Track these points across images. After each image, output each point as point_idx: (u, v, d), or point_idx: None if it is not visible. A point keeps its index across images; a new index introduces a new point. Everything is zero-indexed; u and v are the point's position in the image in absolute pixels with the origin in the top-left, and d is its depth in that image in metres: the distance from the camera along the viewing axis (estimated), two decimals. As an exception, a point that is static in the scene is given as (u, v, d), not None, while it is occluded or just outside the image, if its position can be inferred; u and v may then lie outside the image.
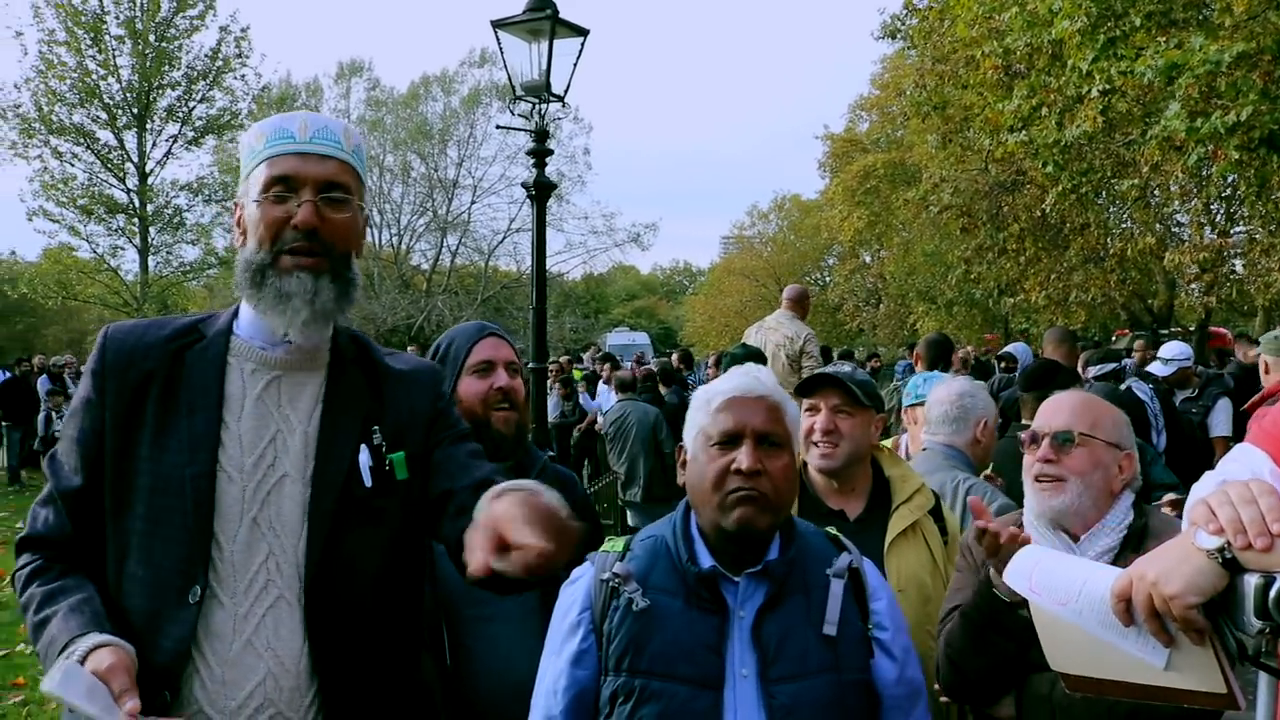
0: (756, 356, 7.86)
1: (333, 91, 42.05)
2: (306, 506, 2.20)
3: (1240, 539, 1.65)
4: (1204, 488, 1.85)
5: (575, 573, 2.54)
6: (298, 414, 2.26)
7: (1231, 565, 1.65)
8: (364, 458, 2.27)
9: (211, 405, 2.20)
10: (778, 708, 2.30)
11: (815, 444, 3.47)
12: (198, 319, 2.37)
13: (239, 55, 31.67)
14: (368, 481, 2.26)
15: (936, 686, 3.07)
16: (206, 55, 31.27)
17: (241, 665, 2.12)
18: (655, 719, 2.31)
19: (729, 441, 2.43)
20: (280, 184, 2.23)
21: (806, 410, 3.51)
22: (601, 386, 17.32)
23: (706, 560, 2.43)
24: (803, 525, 2.59)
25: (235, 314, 2.34)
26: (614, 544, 2.55)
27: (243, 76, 32.08)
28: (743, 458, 2.39)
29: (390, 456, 2.30)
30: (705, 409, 2.50)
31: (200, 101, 31.62)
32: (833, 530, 2.69)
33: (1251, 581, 1.62)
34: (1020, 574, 2.10)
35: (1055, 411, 2.91)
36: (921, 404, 4.83)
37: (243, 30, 31.64)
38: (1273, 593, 1.59)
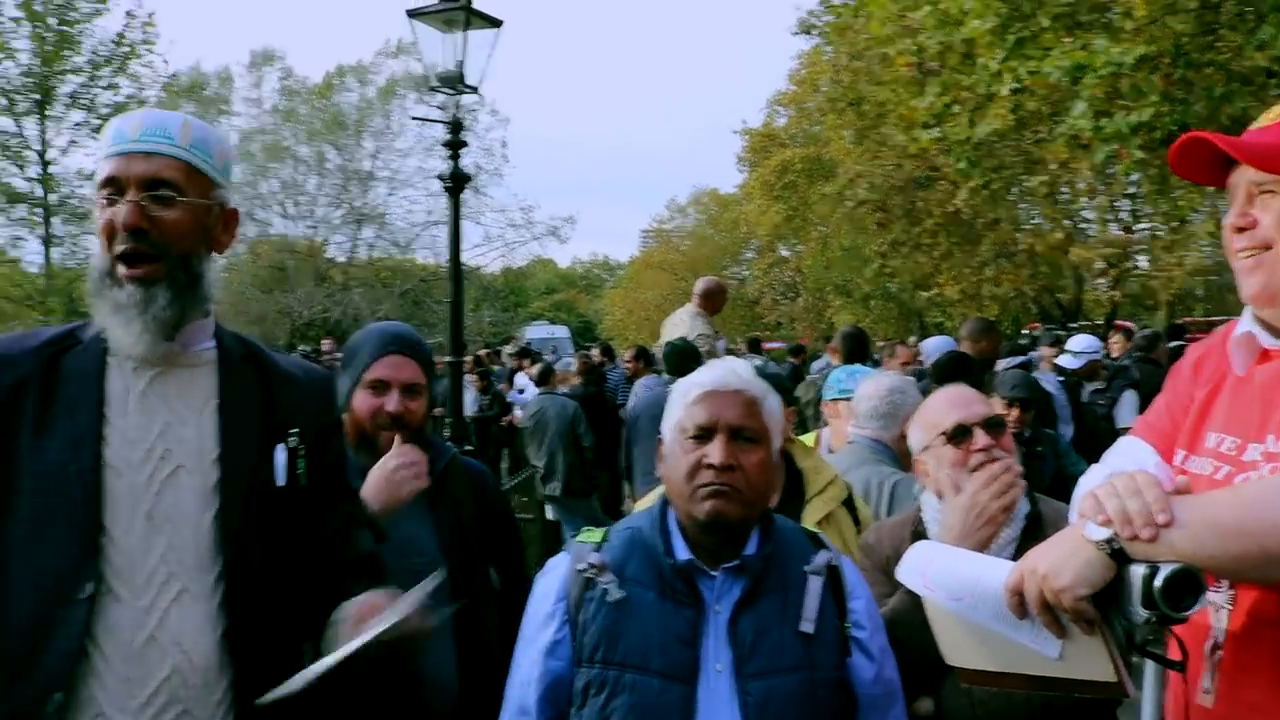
0: (694, 350, 7.91)
1: (245, 80, 41.13)
2: (207, 497, 2.17)
3: (1127, 530, 1.70)
4: (1092, 480, 1.89)
5: (551, 563, 2.54)
6: (189, 407, 2.23)
7: (1119, 556, 1.70)
8: (280, 457, 2.26)
9: (92, 404, 2.16)
10: (751, 704, 2.29)
11: None
12: (72, 326, 2.33)
13: (145, 41, 30.78)
14: (281, 480, 2.25)
15: None
16: (111, 40, 30.39)
17: (145, 661, 2.07)
18: (627, 711, 2.30)
19: (703, 435, 2.41)
20: (109, 186, 2.20)
21: None
22: (521, 379, 17.24)
23: (683, 553, 2.41)
24: (782, 522, 2.58)
25: None
26: (591, 534, 2.54)
27: (150, 64, 31.20)
28: (714, 452, 2.37)
29: (298, 462, 2.30)
30: (682, 401, 2.48)
31: (105, 89, 30.70)
32: (814, 529, 2.69)
33: (1138, 572, 1.67)
34: (914, 570, 2.13)
35: (965, 403, 2.93)
36: (844, 399, 4.87)
37: (149, 15, 30.82)
38: (1157, 582, 1.64)
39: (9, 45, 29.16)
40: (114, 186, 2.19)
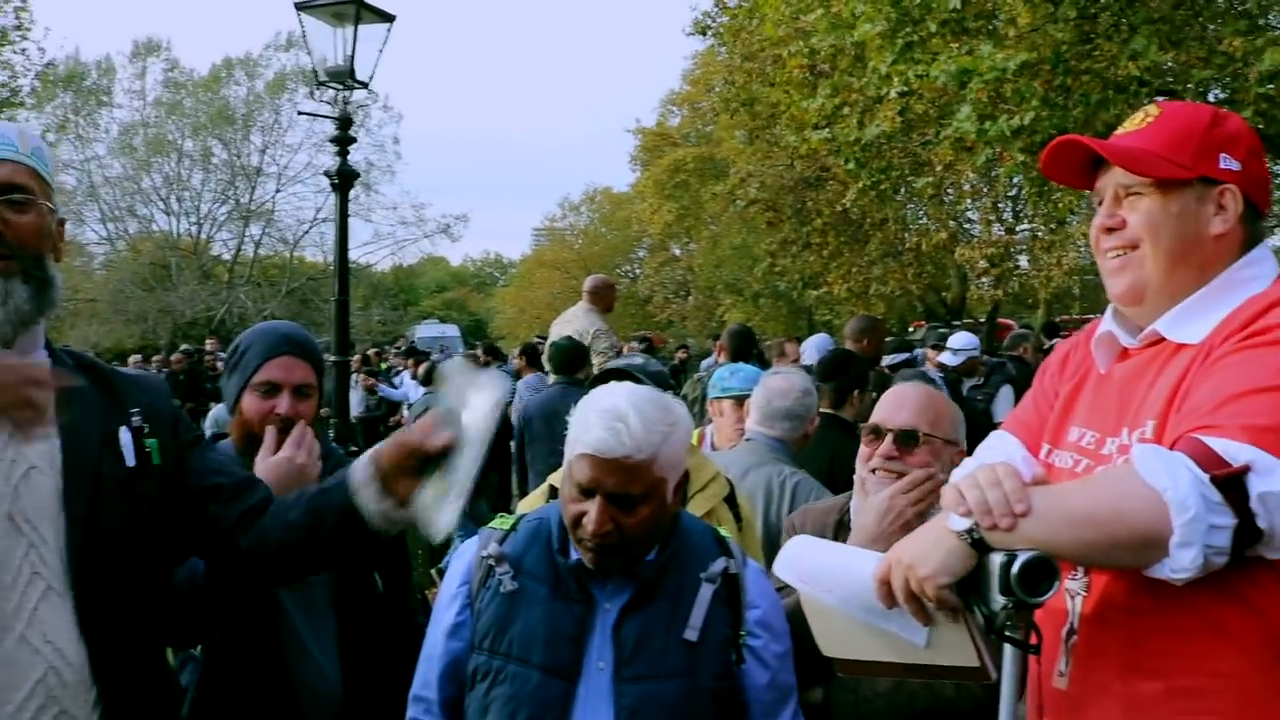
0: (580, 348, 7.88)
1: (127, 71, 39.91)
2: (62, 495, 2.15)
3: (986, 520, 1.76)
4: (960, 473, 1.95)
5: (464, 546, 2.57)
6: None
7: (980, 546, 1.77)
8: (125, 438, 2.25)
9: None
10: (624, 706, 2.31)
11: None
12: None
13: (18, 27, 29.66)
14: (130, 461, 2.24)
15: None
16: (-20, 26, 29.26)
17: (18, 663, 2.04)
18: (506, 700, 2.32)
19: (585, 493, 2.36)
20: None
21: None
22: (406, 378, 17.05)
23: (576, 554, 2.42)
24: (691, 523, 2.58)
25: None
26: (504, 521, 2.55)
27: (23, 51, 30.08)
28: (590, 519, 2.33)
29: (146, 441, 2.27)
30: (573, 446, 2.39)
31: (-26, 76, 29.60)
32: (725, 532, 2.67)
33: (996, 560, 1.74)
34: (788, 564, 2.17)
35: (899, 407, 2.95)
36: (729, 397, 4.89)
37: (22, 0, 29.73)
38: (1014, 570, 1.71)
39: None
40: None
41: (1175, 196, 1.97)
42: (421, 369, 13.49)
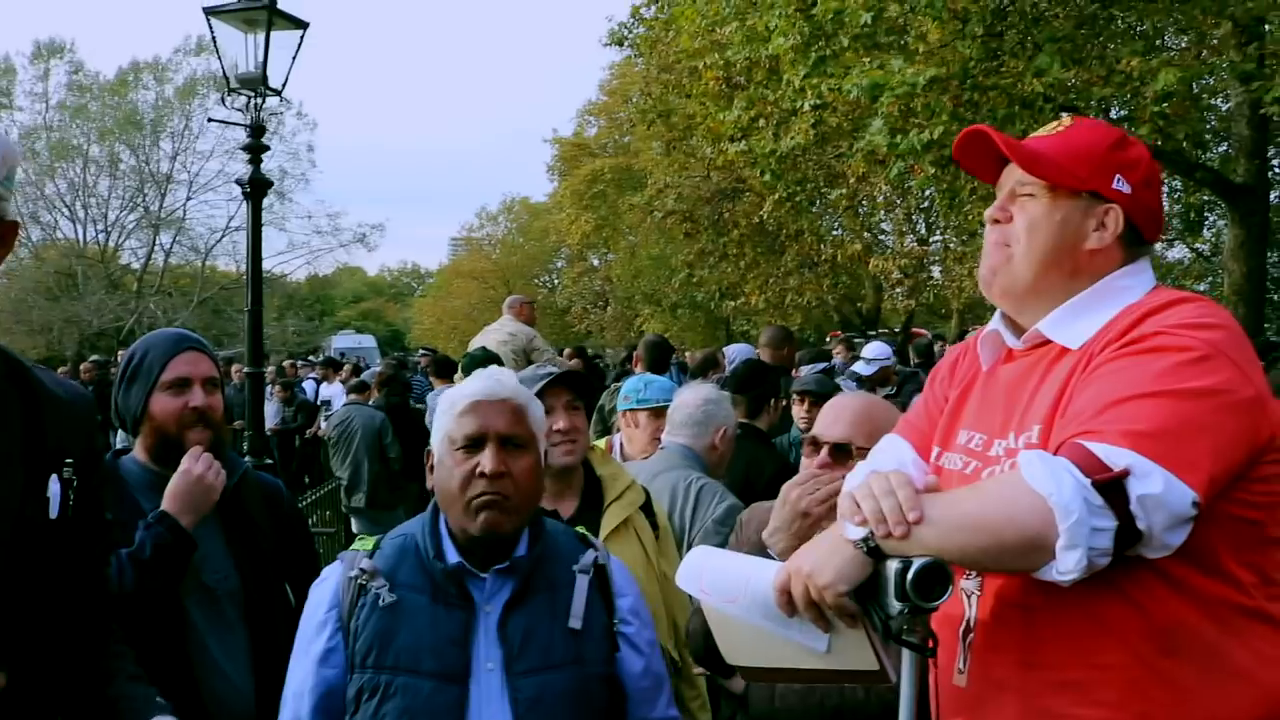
0: (495, 359, 7.85)
1: (28, 73, 38.87)
2: None
3: (881, 529, 1.80)
4: (855, 478, 2.00)
5: (325, 572, 2.54)
6: None
7: (875, 553, 1.81)
8: (55, 488, 2.09)
9: None
10: (522, 700, 2.33)
11: (555, 444, 3.49)
12: None
13: (-86, 29, 28.87)
14: (54, 513, 2.08)
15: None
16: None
17: None
18: (399, 714, 2.31)
19: (473, 445, 2.44)
20: None
21: None
22: (324, 388, 16.85)
23: (454, 556, 2.44)
24: (551, 524, 2.64)
25: None
26: (364, 542, 2.55)
27: (-84, 51, 29.29)
28: (486, 461, 2.40)
29: (71, 493, 2.13)
30: (450, 413, 2.50)
31: None
32: (582, 529, 2.75)
33: (892, 567, 1.78)
34: (691, 576, 2.20)
35: (835, 420, 2.99)
36: (642, 408, 4.93)
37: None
38: (910, 575, 1.75)
39: None
40: None
41: (1062, 204, 2.04)
42: (341, 376, 13.29)
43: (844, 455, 2.92)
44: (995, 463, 2.02)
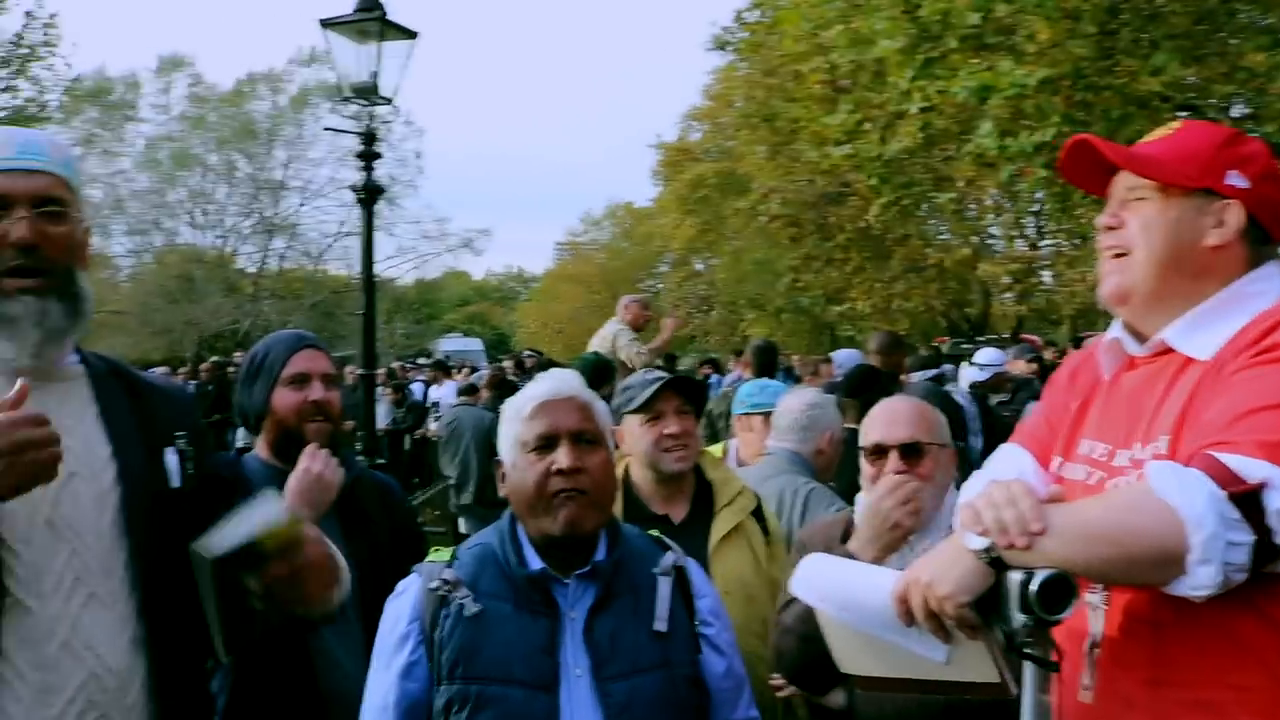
0: (605, 363, 7.91)
1: (152, 86, 40.26)
2: (104, 502, 2.17)
3: (1003, 539, 1.77)
4: (973, 488, 1.97)
5: (401, 585, 2.54)
6: (71, 417, 2.20)
7: (997, 564, 1.78)
8: (171, 460, 2.30)
9: None
10: (613, 705, 2.33)
11: (666, 449, 3.52)
12: None
13: (47, 43, 29.94)
14: (176, 483, 2.29)
15: (775, 679, 3.15)
16: (10, 41, 29.52)
17: (60, 669, 2.06)
18: None
19: (545, 445, 2.45)
20: None
21: (650, 419, 3.56)
22: (433, 390, 17.12)
23: (536, 563, 2.44)
24: (627, 528, 2.64)
25: None
26: (440, 553, 2.55)
27: (51, 66, 30.39)
28: (561, 457, 2.42)
29: (188, 464, 2.33)
30: (517, 418, 2.53)
31: (3, 90, 29.86)
32: (655, 532, 2.74)
33: (1015, 578, 1.75)
34: (805, 583, 2.19)
35: (893, 422, 2.97)
36: (756, 413, 4.93)
37: (51, 16, 30.00)
38: (1033, 588, 1.72)
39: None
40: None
41: (1175, 203, 1.99)
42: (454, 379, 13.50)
43: (915, 455, 2.91)
44: (1120, 473, 1.97)
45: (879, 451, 2.94)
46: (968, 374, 9.55)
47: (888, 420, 2.99)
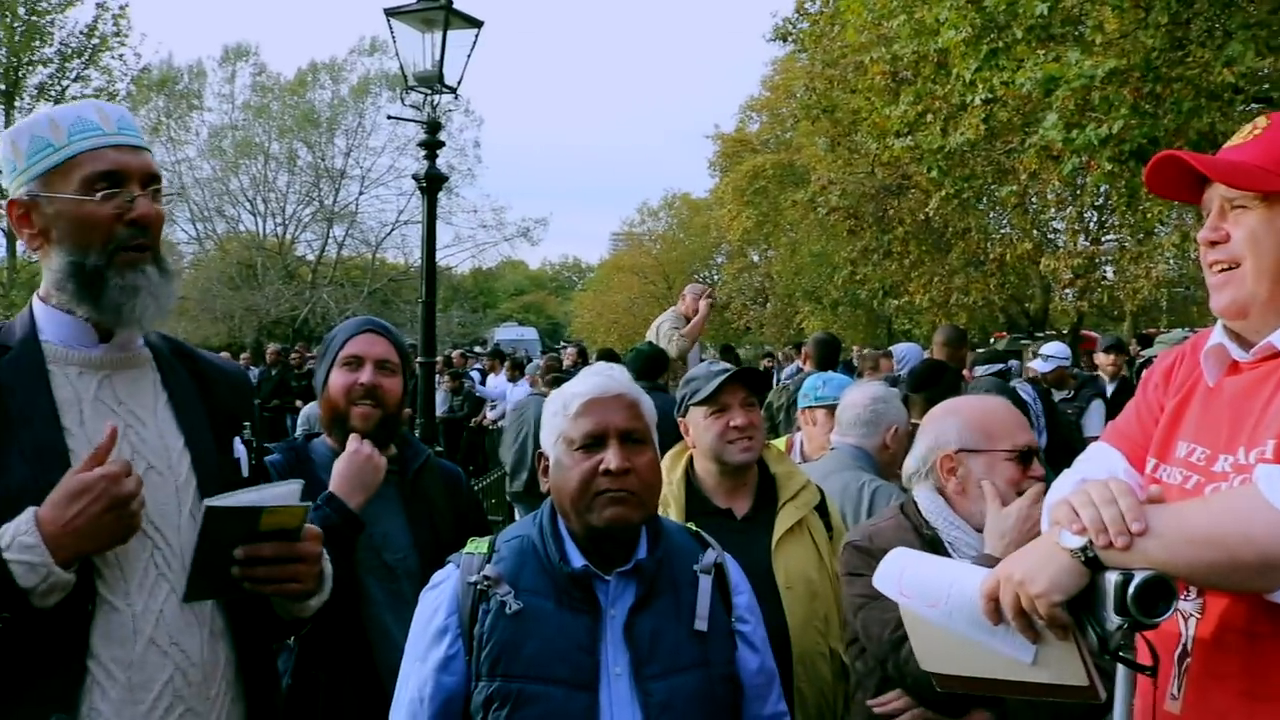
0: (659, 353, 7.90)
1: (217, 75, 40.84)
2: (180, 494, 2.19)
3: (1102, 539, 1.73)
4: (1063, 487, 1.92)
5: (437, 576, 2.52)
6: (141, 408, 2.22)
7: (1093, 564, 1.74)
8: (240, 449, 2.33)
9: (48, 415, 2.10)
10: (653, 704, 2.32)
11: (732, 441, 3.50)
12: None
13: (117, 34, 30.51)
14: (245, 472, 2.32)
15: (885, 702, 3.03)
16: (81, 32, 30.08)
17: (147, 666, 2.07)
18: None
19: (593, 443, 2.42)
20: (106, 180, 2.14)
21: (715, 411, 3.55)
22: (491, 379, 17.20)
23: (578, 560, 2.42)
24: (667, 523, 2.62)
25: (31, 320, 2.22)
26: (477, 545, 2.51)
27: (121, 56, 30.95)
28: (611, 458, 2.39)
29: (252, 454, 2.37)
30: (563, 413, 2.48)
31: (75, 80, 30.43)
32: (694, 526, 2.72)
33: (1112, 579, 1.71)
34: (889, 578, 2.16)
35: (1023, 426, 2.94)
36: (820, 406, 4.89)
37: (121, 7, 30.54)
38: (1131, 589, 1.68)
39: (-23, 37, 28.85)
40: (112, 180, 2.14)
41: (1279, 210, 1.92)
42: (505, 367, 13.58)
43: (1030, 460, 2.87)
44: (1221, 479, 1.91)
45: (1028, 456, 2.88)
46: (1035, 366, 9.45)
47: (1024, 424, 2.94)
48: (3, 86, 29.35)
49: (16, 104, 29.69)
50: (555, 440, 2.48)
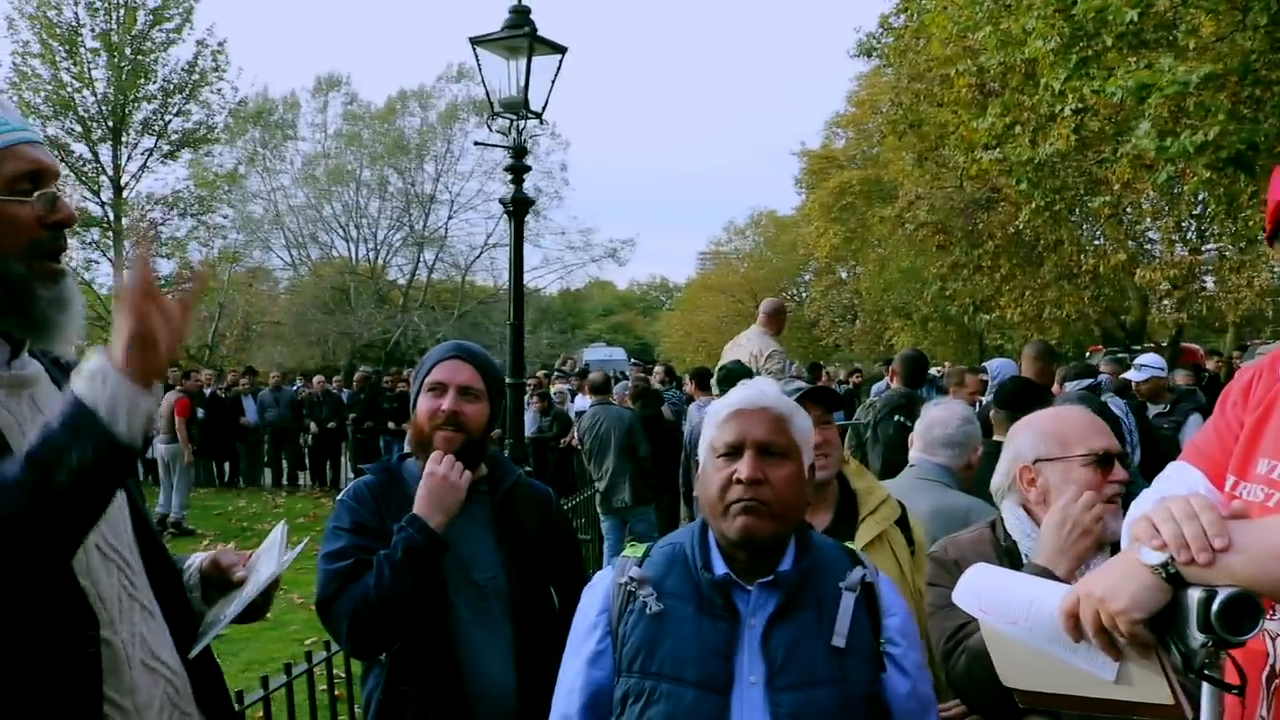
0: (746, 372, 7.89)
1: (310, 105, 41.91)
2: (123, 509, 2.15)
3: (1184, 554, 1.69)
4: (1143, 504, 1.88)
5: (597, 577, 2.64)
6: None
7: (1175, 580, 1.70)
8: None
9: None
10: (783, 715, 2.33)
11: None
12: None
13: (216, 69, 31.58)
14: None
15: (950, 709, 3.06)
16: (183, 68, 31.14)
17: (143, 687, 2.06)
18: (663, 719, 2.36)
19: (732, 452, 2.48)
20: (30, 180, 1.93)
21: None
22: (580, 399, 17.32)
23: (720, 568, 2.47)
24: (819, 538, 2.64)
25: None
26: (635, 549, 2.63)
27: (219, 90, 32.03)
28: (743, 467, 2.43)
29: None
30: (714, 422, 2.56)
31: (176, 115, 31.49)
32: (851, 545, 2.73)
33: (1194, 596, 1.67)
34: (970, 593, 2.14)
35: (1100, 430, 2.89)
36: None
37: (220, 44, 31.55)
38: (1215, 606, 1.64)
39: (88, 75, 29.93)
40: (35, 180, 1.95)
41: None
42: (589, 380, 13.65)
43: (1110, 464, 2.82)
44: None
45: (1108, 460, 2.82)
46: (1130, 375, 9.26)
47: (1103, 429, 2.89)
48: (111, 123, 30.44)
49: (123, 139, 30.81)
50: (705, 448, 2.57)
